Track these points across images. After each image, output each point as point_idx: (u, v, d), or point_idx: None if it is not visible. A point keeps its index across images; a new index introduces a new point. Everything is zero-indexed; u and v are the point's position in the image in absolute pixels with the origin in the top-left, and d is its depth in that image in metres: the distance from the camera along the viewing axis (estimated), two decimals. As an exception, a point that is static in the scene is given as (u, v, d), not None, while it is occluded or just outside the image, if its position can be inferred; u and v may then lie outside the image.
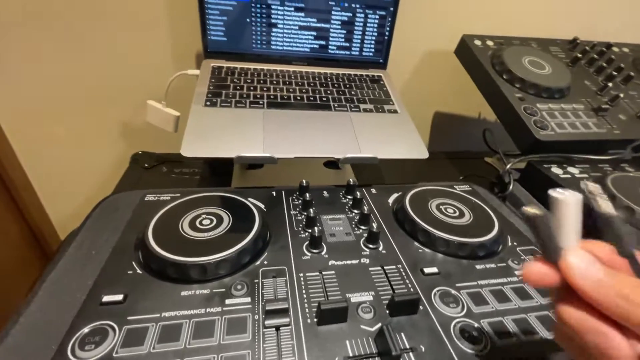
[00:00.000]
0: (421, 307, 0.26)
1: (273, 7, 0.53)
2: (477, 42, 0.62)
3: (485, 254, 0.32)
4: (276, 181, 0.51)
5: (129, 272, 0.27)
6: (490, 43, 0.63)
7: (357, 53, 0.59)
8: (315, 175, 0.55)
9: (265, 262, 0.29)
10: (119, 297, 0.24)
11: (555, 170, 0.47)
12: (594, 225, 0.17)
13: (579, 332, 0.16)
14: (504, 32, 0.66)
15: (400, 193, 0.40)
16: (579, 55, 0.62)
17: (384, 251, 0.32)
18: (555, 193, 0.16)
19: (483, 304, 0.27)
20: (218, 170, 0.61)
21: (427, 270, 0.29)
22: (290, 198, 0.38)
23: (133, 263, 0.28)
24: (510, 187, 0.49)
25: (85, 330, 0.22)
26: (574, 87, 0.57)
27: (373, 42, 0.59)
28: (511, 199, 0.50)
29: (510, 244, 0.34)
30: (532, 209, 0.17)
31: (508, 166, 0.50)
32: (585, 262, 0.16)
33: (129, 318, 0.23)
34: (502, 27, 0.69)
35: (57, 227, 0.77)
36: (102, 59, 0.60)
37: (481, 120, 0.82)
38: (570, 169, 0.48)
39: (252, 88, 0.51)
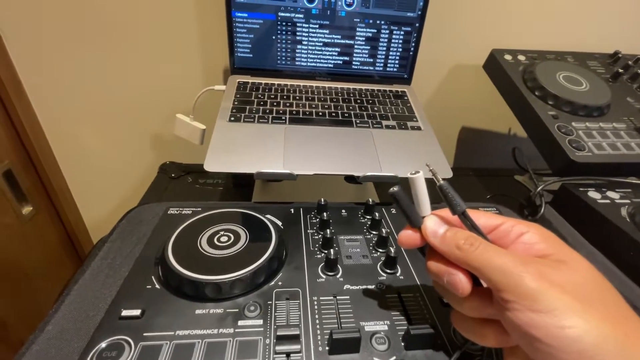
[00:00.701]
0: (439, 341, 0.25)
1: (298, 24, 0.54)
2: (508, 57, 0.60)
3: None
4: (297, 194, 0.51)
5: (148, 286, 0.28)
6: (521, 58, 0.60)
7: (380, 68, 0.59)
8: (336, 190, 0.55)
9: (280, 283, 0.29)
10: (137, 312, 0.25)
11: (593, 194, 0.44)
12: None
13: (439, 275, 0.21)
14: (538, 45, 0.63)
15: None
16: (621, 70, 0.58)
17: (401, 277, 0.31)
18: (410, 175, 0.22)
19: (507, 342, 0.25)
20: (240, 182, 0.62)
21: (446, 300, 0.28)
22: (308, 216, 0.38)
23: (152, 278, 0.29)
24: (542, 210, 0.46)
25: (103, 345, 0.23)
26: (615, 104, 0.54)
27: (397, 57, 0.58)
28: (542, 223, 0.47)
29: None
30: (394, 188, 0.22)
31: (539, 188, 0.47)
32: (435, 224, 0.22)
33: (145, 334, 0.24)
34: (535, 41, 0.67)
35: (90, 231, 0.82)
36: (137, 76, 0.64)
37: (511, 136, 0.79)
38: (610, 194, 0.44)
39: (275, 103, 0.52)
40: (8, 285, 0.63)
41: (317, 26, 0.55)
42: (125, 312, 0.25)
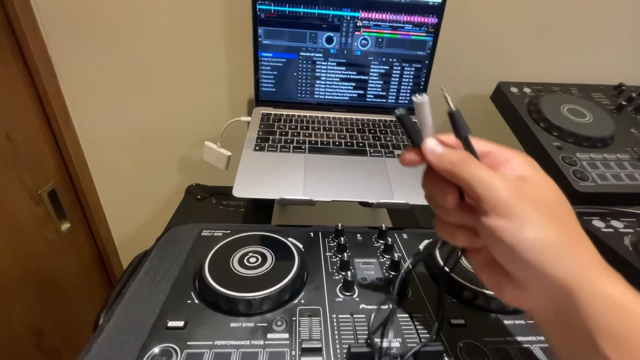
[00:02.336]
0: (446, 359, 0.28)
1: (317, 62, 0.60)
2: (514, 89, 0.64)
3: (515, 309, 0.33)
4: (313, 216, 0.55)
5: (188, 301, 0.32)
6: (527, 90, 0.64)
7: (393, 100, 0.64)
8: (350, 212, 0.59)
9: (303, 301, 0.32)
10: (181, 323, 0.29)
11: (597, 223, 0.46)
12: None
13: (431, 188, 0.25)
14: (543, 78, 0.67)
15: (431, 240, 0.42)
16: (625, 102, 0.61)
17: (412, 298, 0.34)
18: (414, 98, 0.23)
19: (510, 361, 0.28)
20: (260, 204, 0.67)
21: (453, 321, 0.31)
22: (326, 239, 0.42)
23: (192, 293, 0.33)
24: (548, 237, 0.48)
25: (156, 350, 0.27)
26: (619, 135, 0.56)
27: (409, 90, 0.63)
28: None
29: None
30: (399, 110, 0.24)
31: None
32: (433, 144, 0.24)
33: (188, 343, 0.28)
34: (541, 73, 0.70)
35: (118, 247, 0.87)
36: (170, 107, 0.70)
37: (521, 162, 0.81)
38: (614, 223, 0.46)
39: (295, 134, 0.57)
40: (45, 295, 0.69)
41: (334, 64, 0.60)
42: (171, 323, 0.29)
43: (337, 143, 0.56)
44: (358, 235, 0.43)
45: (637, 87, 0.65)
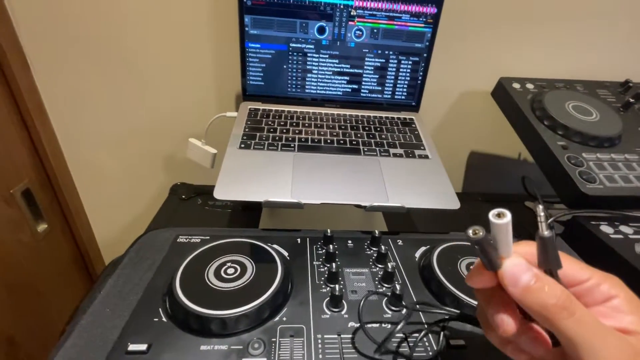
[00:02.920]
0: (444, 386, 0.24)
1: (309, 54, 0.56)
2: (516, 85, 0.61)
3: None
4: (304, 220, 0.51)
5: (155, 319, 0.28)
6: (530, 86, 0.61)
7: (389, 96, 0.60)
8: (344, 215, 0.55)
9: (284, 319, 0.29)
10: (143, 347, 0.26)
11: (605, 228, 0.43)
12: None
13: (487, 300, 0.20)
14: (547, 74, 0.64)
15: (428, 247, 0.39)
16: (632, 99, 0.58)
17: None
18: (494, 218, 0.18)
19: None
20: (248, 206, 0.63)
21: (453, 342, 0.28)
22: (314, 246, 0.38)
23: (160, 310, 0.29)
24: (553, 243, 0.45)
25: (109, 381, 0.23)
26: (626, 135, 0.53)
27: (405, 85, 0.59)
28: (553, 256, 0.46)
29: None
30: (477, 231, 0.18)
31: (550, 220, 0.47)
32: (518, 270, 0.18)
33: (150, 371, 0.24)
34: (544, 69, 0.67)
35: (102, 249, 0.83)
36: (153, 102, 0.66)
37: (521, 162, 0.78)
38: (623, 228, 0.43)
39: (284, 130, 0.53)
40: (19, 301, 0.65)
41: (327, 56, 0.56)
42: (132, 347, 0.26)
43: (328, 141, 0.52)
44: (349, 241, 0.39)
45: (645, 84, 0.62)
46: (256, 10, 0.52)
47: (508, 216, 0.18)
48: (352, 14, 0.53)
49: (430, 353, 0.27)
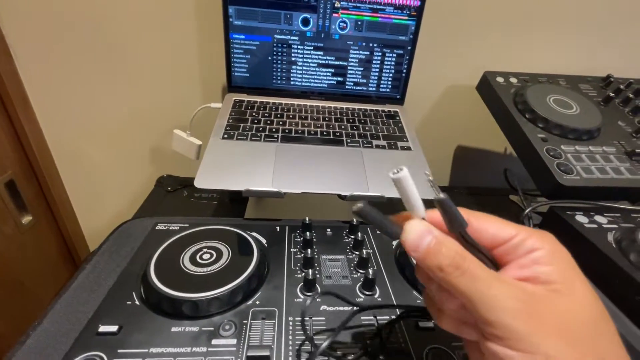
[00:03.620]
0: (411, 366, 0.25)
1: (294, 46, 0.56)
2: (500, 79, 0.61)
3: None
4: (290, 210, 0.51)
5: (127, 302, 0.28)
6: (513, 80, 0.61)
7: (373, 89, 0.60)
8: (328, 206, 0.55)
9: (257, 302, 0.29)
10: (114, 328, 0.26)
11: (580, 218, 0.44)
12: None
13: (425, 280, 0.20)
14: (530, 68, 0.64)
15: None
16: (612, 94, 0.59)
17: (379, 299, 0.31)
18: (390, 174, 0.19)
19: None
20: (235, 197, 0.63)
21: (422, 324, 0.28)
22: (293, 234, 0.39)
23: (133, 294, 0.29)
24: (530, 233, 0.46)
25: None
26: (606, 128, 0.54)
27: (390, 78, 0.60)
28: (531, 245, 0.47)
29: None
30: (358, 205, 0.18)
31: (527, 210, 0.47)
32: (417, 235, 0.18)
33: (119, 351, 0.24)
34: (528, 64, 0.68)
35: (88, 241, 0.83)
36: (138, 92, 0.66)
37: (507, 156, 0.79)
38: (598, 218, 0.44)
39: (268, 122, 0.53)
40: (3, 294, 0.64)
41: (311, 48, 0.56)
42: (102, 328, 0.26)
43: (312, 132, 0.52)
44: (328, 230, 0.40)
45: (626, 79, 0.63)
46: (240, 1, 0.52)
47: (403, 171, 0.18)
48: (336, 5, 0.53)
49: (400, 336, 0.27)
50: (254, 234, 0.37)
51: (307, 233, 0.36)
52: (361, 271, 0.34)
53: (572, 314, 0.16)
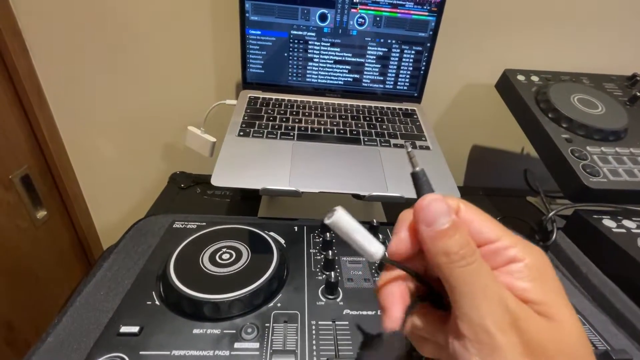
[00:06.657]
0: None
1: (310, 42, 0.55)
2: (521, 77, 0.60)
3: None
4: (303, 209, 0.51)
5: (148, 302, 0.28)
6: (535, 78, 0.60)
7: (391, 86, 0.59)
8: (343, 206, 0.55)
9: (279, 305, 0.29)
10: (135, 329, 0.25)
11: (608, 222, 0.42)
12: None
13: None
14: (552, 66, 0.62)
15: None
16: (639, 93, 0.57)
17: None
18: (325, 220, 0.17)
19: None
20: (247, 195, 0.63)
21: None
22: (311, 234, 0.38)
23: (153, 293, 0.29)
24: (554, 236, 0.45)
25: (100, 361, 0.23)
26: (633, 128, 0.52)
27: (408, 76, 0.58)
28: (554, 249, 0.45)
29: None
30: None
31: (551, 214, 0.46)
32: (442, 210, 0.17)
33: (141, 353, 0.24)
34: (549, 62, 0.66)
35: (101, 236, 0.83)
36: (153, 89, 0.66)
37: (524, 156, 0.77)
38: (626, 223, 0.43)
39: (284, 119, 0.53)
40: (17, 287, 0.65)
41: (328, 44, 0.55)
42: (123, 329, 0.25)
43: (328, 130, 0.52)
44: (347, 230, 0.39)
45: (652, 78, 0.61)
46: (257, -4, 0.51)
47: (337, 211, 0.17)
48: (354, 1, 0.52)
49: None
50: (271, 233, 0.37)
51: (327, 234, 0.35)
52: (383, 274, 0.33)
53: (554, 344, 0.15)
